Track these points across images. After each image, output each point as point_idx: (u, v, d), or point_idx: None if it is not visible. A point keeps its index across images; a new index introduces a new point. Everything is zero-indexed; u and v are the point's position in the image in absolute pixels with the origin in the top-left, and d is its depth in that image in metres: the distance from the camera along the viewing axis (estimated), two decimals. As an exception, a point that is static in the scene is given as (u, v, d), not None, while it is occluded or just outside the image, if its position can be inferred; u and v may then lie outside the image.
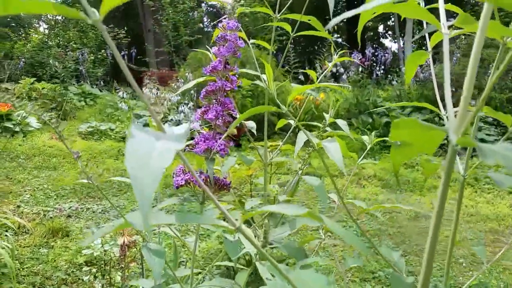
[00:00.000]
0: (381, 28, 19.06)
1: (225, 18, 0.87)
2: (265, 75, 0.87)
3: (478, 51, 0.43)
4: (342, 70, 7.78)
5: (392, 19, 16.23)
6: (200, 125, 0.85)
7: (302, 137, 0.97)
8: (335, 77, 7.81)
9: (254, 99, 5.39)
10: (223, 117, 0.82)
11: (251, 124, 1.10)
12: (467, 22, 0.47)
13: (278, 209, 0.47)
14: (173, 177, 0.79)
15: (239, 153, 4.82)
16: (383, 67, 8.79)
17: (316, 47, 12.79)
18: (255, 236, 1.02)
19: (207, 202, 0.86)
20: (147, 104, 0.41)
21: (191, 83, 0.96)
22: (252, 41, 1.20)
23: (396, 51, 13.33)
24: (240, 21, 1.02)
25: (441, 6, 0.63)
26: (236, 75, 0.87)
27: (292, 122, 1.12)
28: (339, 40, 15.32)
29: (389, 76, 8.43)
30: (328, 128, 1.32)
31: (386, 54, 8.76)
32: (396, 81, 7.77)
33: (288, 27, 1.15)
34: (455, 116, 0.43)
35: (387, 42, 18.62)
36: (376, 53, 8.72)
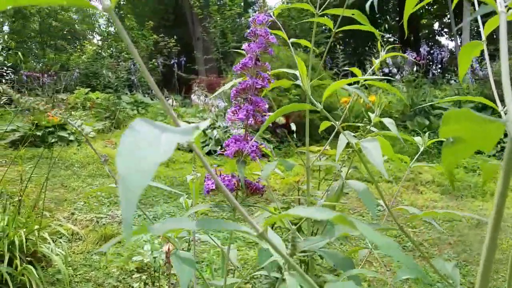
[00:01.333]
0: (436, 26, 18.25)
1: (255, 12, 0.81)
2: (299, 72, 0.79)
3: None
4: (395, 70, 7.46)
5: (448, 16, 15.49)
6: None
7: (343, 139, 0.89)
8: (388, 77, 7.51)
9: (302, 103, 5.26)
10: (255, 117, 0.77)
11: (292, 127, 1.04)
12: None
13: (305, 213, 0.42)
14: (205, 181, 0.74)
15: (283, 157, 4.73)
16: (439, 65, 8.34)
17: (367, 48, 12.45)
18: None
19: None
20: (166, 106, 0.41)
21: (228, 85, 0.90)
22: (291, 40, 1.16)
23: (453, 49, 12.69)
24: (285, 24, 0.97)
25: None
26: (268, 73, 0.81)
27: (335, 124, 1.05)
28: (391, 39, 14.85)
29: (446, 75, 7.98)
30: (374, 129, 1.21)
31: (443, 52, 8.29)
32: (455, 80, 7.34)
33: (329, 23, 1.08)
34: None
35: (443, 40, 17.79)
36: (432, 51, 8.29)
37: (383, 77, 1.23)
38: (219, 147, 5.39)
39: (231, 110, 0.79)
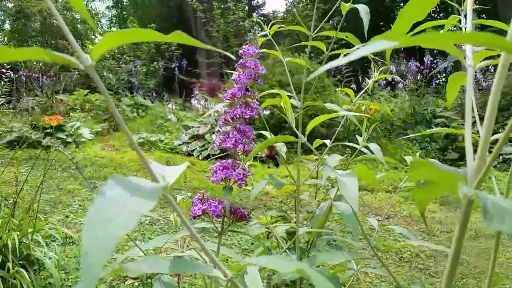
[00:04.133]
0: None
1: (246, 44, 0.85)
2: (283, 104, 0.84)
3: (495, 98, 0.41)
4: (398, 78, 7.43)
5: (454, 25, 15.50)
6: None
7: (331, 163, 0.90)
8: (391, 85, 7.48)
9: (307, 117, 5.28)
10: (243, 145, 0.80)
11: (283, 149, 1.09)
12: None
13: (263, 262, 0.43)
14: (191, 205, 0.74)
15: (276, 169, 4.67)
16: (444, 75, 8.33)
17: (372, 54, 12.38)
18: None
19: (235, 235, 0.80)
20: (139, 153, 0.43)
21: (218, 106, 0.95)
22: (287, 59, 1.21)
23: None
24: (280, 37, 1.02)
25: (469, 16, 0.59)
26: (257, 102, 0.83)
27: (328, 142, 1.17)
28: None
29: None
30: (364, 149, 1.23)
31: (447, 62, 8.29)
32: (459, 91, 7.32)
33: (322, 47, 1.13)
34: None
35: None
36: (436, 61, 8.28)
37: (390, 90, 1.22)
38: (218, 151, 5.35)
39: (219, 138, 0.82)
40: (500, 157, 5.57)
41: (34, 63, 8.98)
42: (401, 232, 1.08)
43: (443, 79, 8.47)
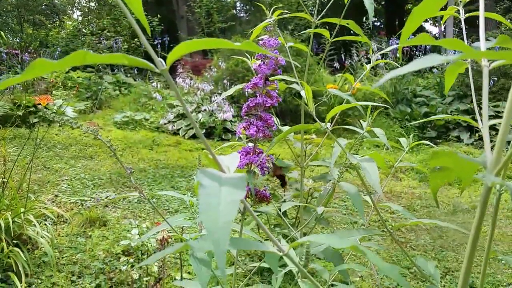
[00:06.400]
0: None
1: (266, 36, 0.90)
2: (304, 91, 0.89)
3: None
4: (379, 57, 7.51)
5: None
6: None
7: (337, 148, 0.96)
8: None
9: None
10: (264, 132, 0.85)
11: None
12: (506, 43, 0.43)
13: (319, 239, 0.50)
14: None
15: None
16: (423, 53, 8.47)
17: (352, 31, 12.41)
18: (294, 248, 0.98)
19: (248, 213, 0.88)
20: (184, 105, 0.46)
21: (231, 90, 1.01)
22: (289, 44, 1.25)
23: (437, 35, 12.82)
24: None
25: (482, 32, 0.62)
26: (277, 91, 0.89)
27: (328, 125, 1.16)
28: (377, 23, 14.89)
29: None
30: (366, 134, 1.30)
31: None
32: (437, 68, 7.46)
33: (326, 34, 1.17)
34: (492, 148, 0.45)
35: (427, 26, 17.90)
36: (415, 39, 8.37)
37: (371, 69, 1.28)
38: (203, 130, 5.39)
39: (242, 125, 0.86)
40: None
41: (12, 39, 8.70)
42: (397, 209, 1.13)
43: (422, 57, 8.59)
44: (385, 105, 1.44)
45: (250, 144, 0.85)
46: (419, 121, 0.88)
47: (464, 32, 0.95)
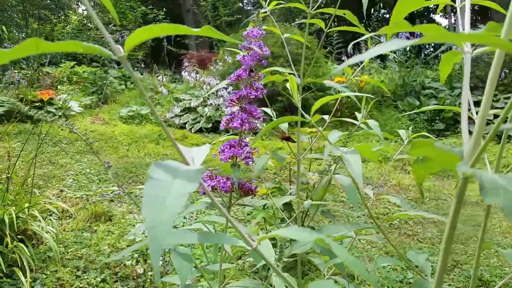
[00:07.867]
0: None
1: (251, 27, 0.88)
2: (290, 86, 0.90)
3: (494, 76, 0.44)
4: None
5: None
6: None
7: (331, 139, 0.94)
8: (381, 57, 7.48)
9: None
10: (249, 124, 0.84)
11: (284, 125, 1.19)
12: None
13: (286, 234, 0.49)
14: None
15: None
16: (432, 46, 8.34)
17: (362, 25, 12.30)
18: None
19: (233, 207, 0.89)
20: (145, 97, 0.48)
21: (223, 83, 0.99)
22: (286, 35, 1.24)
23: (447, 27, 12.64)
24: (275, 12, 1.05)
25: (467, 20, 0.63)
26: (261, 82, 0.88)
27: (326, 117, 1.23)
28: (387, 16, 14.72)
29: (439, 55, 7.99)
30: (363, 125, 1.29)
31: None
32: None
33: (321, 24, 1.16)
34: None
35: (437, 17, 17.64)
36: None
37: (380, 61, 1.25)
38: (210, 124, 5.35)
39: (226, 118, 0.85)
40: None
41: (17, 34, 8.71)
42: (395, 202, 1.12)
43: (431, 50, 8.49)
44: (375, 98, 1.44)
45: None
46: (414, 111, 0.85)
47: (468, 23, 0.91)
